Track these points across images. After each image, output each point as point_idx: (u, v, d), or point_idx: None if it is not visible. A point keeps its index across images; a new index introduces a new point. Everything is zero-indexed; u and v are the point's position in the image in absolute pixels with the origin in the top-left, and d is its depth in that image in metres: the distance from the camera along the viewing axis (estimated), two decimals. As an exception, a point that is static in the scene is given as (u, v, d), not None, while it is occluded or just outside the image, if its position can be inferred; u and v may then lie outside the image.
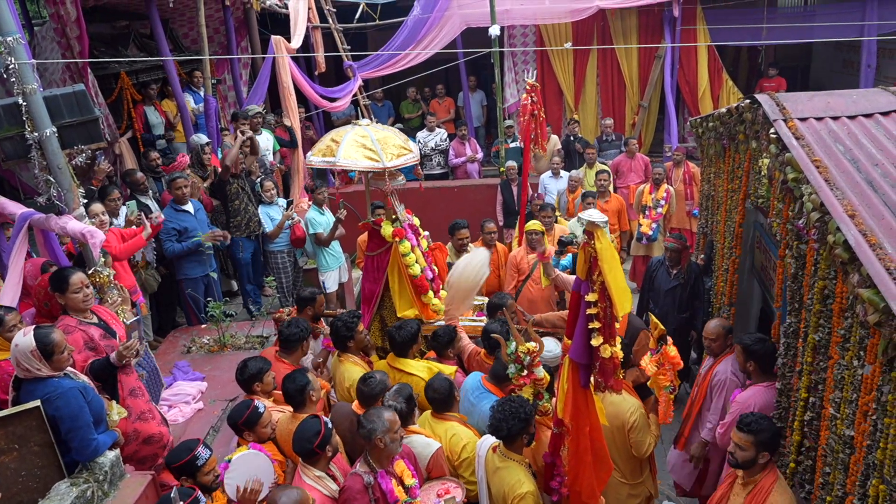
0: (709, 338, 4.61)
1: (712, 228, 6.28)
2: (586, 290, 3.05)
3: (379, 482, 3.26)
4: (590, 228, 2.93)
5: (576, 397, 3.32)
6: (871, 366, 2.86)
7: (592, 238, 2.94)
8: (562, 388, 3.36)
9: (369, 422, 3.30)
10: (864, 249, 2.81)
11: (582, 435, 3.37)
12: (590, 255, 2.99)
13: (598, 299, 3.01)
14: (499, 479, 3.48)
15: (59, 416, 3.17)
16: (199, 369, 5.36)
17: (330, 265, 7.15)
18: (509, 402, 3.50)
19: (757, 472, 3.46)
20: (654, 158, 10.69)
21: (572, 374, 3.29)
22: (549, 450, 3.61)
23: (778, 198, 4.01)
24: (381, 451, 3.31)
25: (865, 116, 3.84)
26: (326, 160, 4.75)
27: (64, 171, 4.13)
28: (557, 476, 3.61)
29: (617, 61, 11.26)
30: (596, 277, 2.98)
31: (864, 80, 10.21)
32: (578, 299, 3.16)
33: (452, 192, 9.88)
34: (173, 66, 7.77)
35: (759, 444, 3.41)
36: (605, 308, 3.03)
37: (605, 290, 2.98)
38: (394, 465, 3.40)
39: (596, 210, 3.03)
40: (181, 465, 3.27)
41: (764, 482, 3.41)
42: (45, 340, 3.17)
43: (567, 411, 3.35)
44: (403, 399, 3.66)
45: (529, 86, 6.89)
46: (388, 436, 3.29)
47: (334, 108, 9.89)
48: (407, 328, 4.48)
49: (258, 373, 4.05)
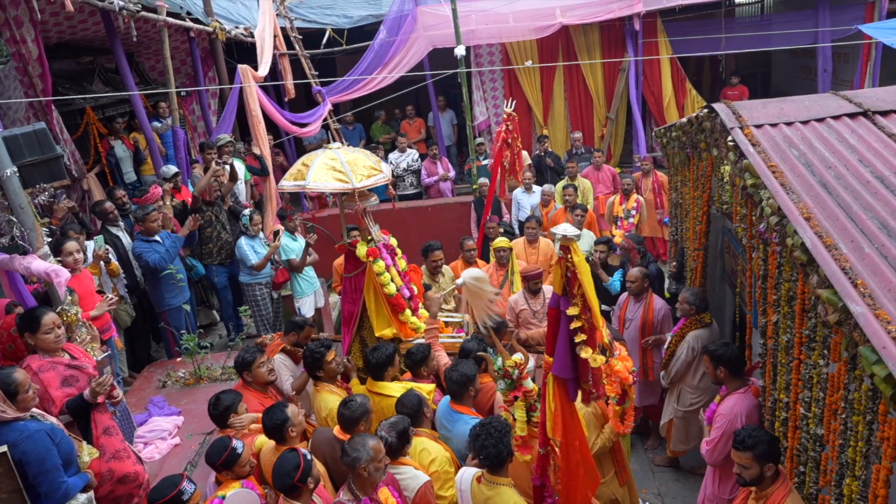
0: (630, 280, 5.81)
1: (682, 235, 6.38)
2: (566, 304, 3.07)
3: None
4: (564, 243, 2.96)
5: (564, 414, 3.31)
6: (836, 364, 2.91)
7: (568, 252, 2.97)
8: (548, 406, 3.34)
9: (353, 450, 3.26)
10: (821, 251, 2.88)
11: (573, 450, 3.36)
12: (567, 269, 3.01)
13: (581, 311, 3.03)
14: None
15: (25, 460, 3.10)
16: (175, 403, 5.28)
17: (304, 291, 7.12)
18: (491, 427, 3.45)
19: (768, 485, 3.37)
20: (625, 169, 10.86)
21: (558, 390, 3.28)
22: (537, 472, 3.57)
23: (740, 203, 4.09)
24: (366, 480, 3.27)
25: (818, 121, 3.94)
26: (297, 184, 4.77)
27: (26, 211, 4.07)
28: (548, 497, 3.58)
29: (583, 76, 11.45)
30: (577, 291, 3.00)
31: (822, 83, 10.49)
32: (556, 315, 3.16)
33: (426, 212, 9.92)
34: (139, 98, 7.74)
35: (758, 457, 3.34)
36: (587, 319, 3.05)
37: (586, 302, 3.00)
38: (378, 493, 3.37)
39: (569, 224, 3.06)
40: (166, 501, 3.21)
41: (776, 496, 3.34)
42: (8, 381, 3.12)
43: (557, 429, 3.33)
44: (396, 433, 3.57)
45: (507, 115, 7.00)
46: (373, 465, 3.25)
47: (305, 134, 9.90)
48: (381, 351, 4.44)
49: (232, 405, 4.00)
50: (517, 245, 7.26)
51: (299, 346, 5.09)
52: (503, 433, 3.44)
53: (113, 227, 6.37)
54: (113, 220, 6.37)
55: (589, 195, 9.03)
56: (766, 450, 3.33)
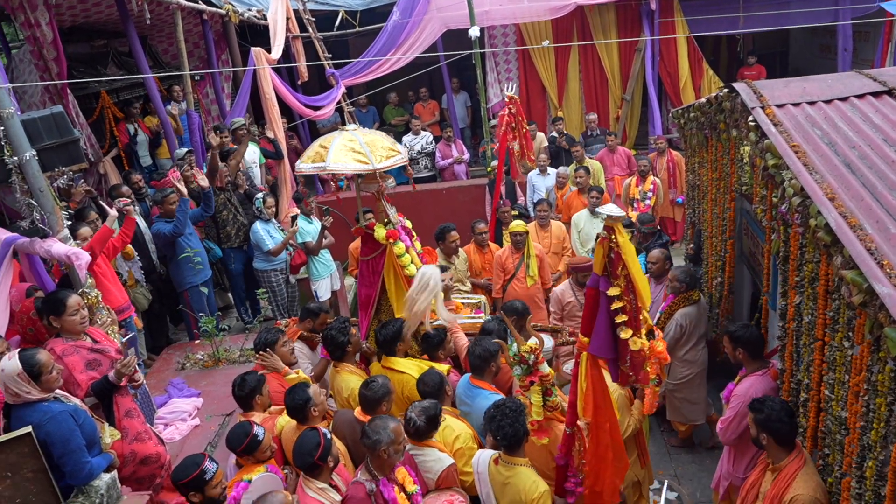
0: (651, 262, 5.74)
1: (699, 217, 6.32)
2: (605, 285, 3.05)
3: (381, 490, 3.25)
4: (609, 223, 2.93)
5: (596, 395, 3.30)
6: (860, 346, 2.89)
7: (612, 232, 2.93)
8: (580, 386, 3.33)
9: (374, 433, 3.27)
10: (845, 231, 2.83)
11: (602, 432, 3.36)
12: (610, 249, 2.98)
13: (623, 292, 3.01)
14: (511, 487, 3.41)
15: (50, 440, 3.15)
16: (195, 385, 5.33)
17: (321, 273, 7.14)
18: (506, 407, 3.45)
19: (780, 457, 3.40)
20: (640, 151, 10.74)
21: (591, 371, 3.27)
22: (562, 451, 3.57)
23: (760, 184, 4.04)
24: (384, 462, 3.30)
25: (841, 100, 3.87)
26: (316, 165, 4.73)
27: (46, 194, 4.10)
28: (572, 477, 3.58)
29: (598, 57, 11.30)
30: (620, 272, 2.98)
31: (842, 63, 10.28)
32: (595, 295, 3.15)
33: (441, 195, 9.89)
34: (154, 82, 7.74)
35: (756, 423, 3.41)
36: (631, 301, 3.03)
37: (630, 282, 2.98)
38: (395, 472, 3.39)
39: (613, 205, 3.03)
40: (190, 480, 3.23)
41: (788, 469, 3.36)
42: (31, 362, 3.15)
43: (588, 409, 3.32)
44: (426, 417, 3.57)
45: (508, 98, 6.91)
46: (392, 447, 3.27)
47: (318, 117, 9.87)
48: (389, 326, 4.48)
49: (257, 386, 4.05)
50: (529, 229, 7.23)
51: (315, 332, 5.11)
52: (518, 413, 3.43)
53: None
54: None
55: (600, 177, 8.97)
56: (763, 419, 3.37)
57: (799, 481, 3.30)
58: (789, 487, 3.31)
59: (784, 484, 3.34)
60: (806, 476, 3.32)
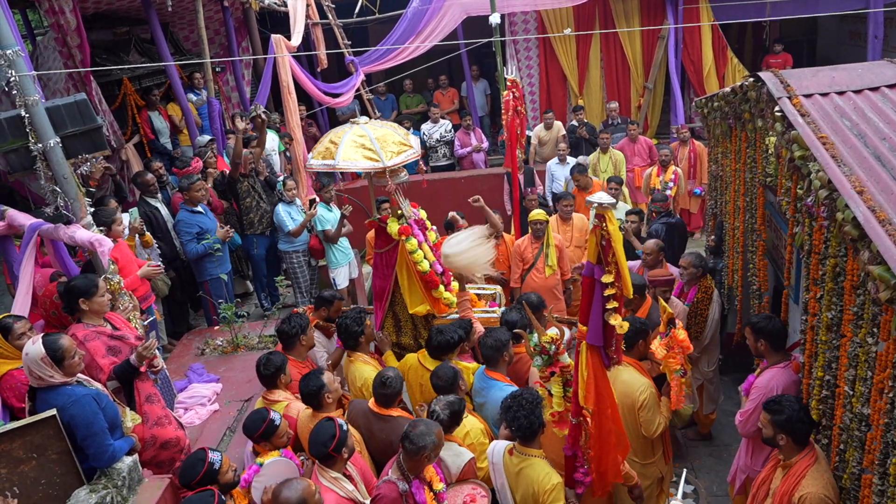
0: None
1: (721, 209, 6.23)
2: (600, 273, 3.10)
3: (413, 492, 3.25)
4: (600, 211, 2.97)
5: (597, 382, 3.33)
6: (885, 343, 2.83)
7: (604, 220, 2.97)
8: (581, 375, 3.34)
9: (420, 439, 3.18)
10: (874, 226, 2.77)
11: (605, 417, 3.38)
12: (602, 237, 3.02)
13: (615, 279, 3.06)
14: (524, 478, 3.42)
15: (73, 423, 3.21)
16: (214, 371, 5.39)
17: (339, 261, 7.17)
18: (523, 399, 3.44)
19: (792, 454, 3.37)
20: (662, 140, 10.61)
21: (591, 359, 3.29)
22: (569, 442, 3.57)
23: (786, 176, 3.97)
24: (422, 464, 3.27)
25: (871, 90, 3.78)
26: (326, 163, 4.68)
27: (70, 181, 4.16)
28: (580, 467, 3.59)
29: (620, 44, 11.16)
30: (611, 259, 3.03)
31: (872, 51, 10.03)
32: (591, 284, 3.18)
33: (459, 183, 9.85)
34: (175, 69, 7.78)
35: (775, 424, 3.37)
36: (619, 287, 3.09)
37: (619, 270, 3.04)
38: (425, 471, 3.40)
39: (604, 193, 3.07)
40: (202, 477, 3.21)
41: (798, 466, 3.34)
42: (54, 346, 3.21)
43: (590, 397, 3.34)
44: (450, 412, 3.57)
45: (510, 82, 6.83)
46: (435, 452, 3.26)
47: (337, 104, 9.87)
48: (445, 335, 4.34)
49: (282, 365, 4.12)
50: (552, 221, 7.17)
51: (331, 320, 5.13)
52: (535, 405, 3.44)
53: (152, 198, 6.47)
54: (153, 191, 6.46)
55: (621, 167, 8.86)
56: (783, 421, 3.34)
57: (809, 479, 3.28)
58: (799, 485, 3.29)
59: (794, 481, 3.32)
60: (816, 474, 3.29)
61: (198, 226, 6.22)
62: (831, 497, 3.23)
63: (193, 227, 6.19)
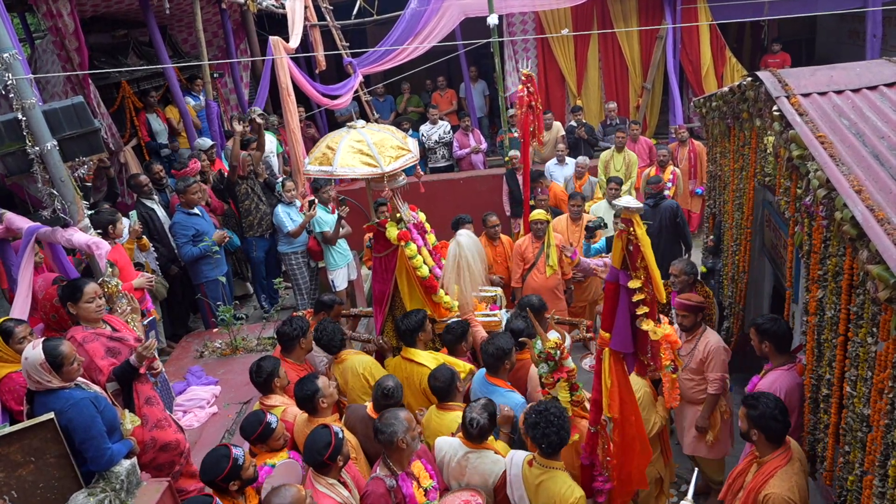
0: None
1: (720, 209, 6.23)
2: (625, 279, 3.03)
3: (400, 486, 3.25)
4: (626, 215, 2.89)
5: (621, 390, 3.29)
6: (885, 343, 2.82)
7: (631, 225, 2.89)
8: (604, 382, 3.30)
9: (388, 425, 3.27)
10: (872, 225, 2.77)
11: (629, 425, 3.35)
12: (628, 241, 2.95)
13: (643, 284, 2.99)
14: (545, 491, 3.33)
15: (71, 426, 3.19)
16: (213, 373, 5.39)
17: (338, 263, 7.15)
18: (549, 414, 3.32)
19: (766, 451, 3.39)
20: (661, 140, 10.60)
21: (615, 366, 3.25)
22: (587, 451, 3.53)
23: (784, 175, 3.96)
24: (403, 452, 3.30)
25: (870, 89, 3.78)
26: (323, 169, 4.65)
27: (67, 184, 4.15)
28: (599, 476, 3.56)
29: (618, 44, 11.15)
30: (639, 263, 2.96)
31: (871, 50, 10.02)
32: (615, 289, 3.13)
33: (458, 185, 9.85)
34: (173, 72, 7.78)
35: (749, 418, 3.37)
36: (649, 292, 3.01)
37: (649, 275, 2.96)
38: (412, 467, 3.40)
39: (631, 196, 2.97)
40: (228, 473, 3.19)
41: (769, 465, 3.35)
42: (54, 353, 3.20)
43: (614, 405, 3.30)
44: (488, 414, 3.53)
45: (525, 76, 6.80)
46: (409, 435, 3.27)
47: (336, 106, 9.86)
48: (411, 316, 4.51)
49: (274, 370, 4.11)
50: (560, 222, 7.13)
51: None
52: (563, 419, 3.32)
53: (148, 200, 6.46)
54: (148, 193, 6.45)
55: (633, 168, 8.83)
56: (757, 417, 3.35)
57: (777, 479, 3.28)
58: (765, 484, 3.30)
59: (762, 479, 3.34)
60: (785, 476, 3.29)
61: (194, 228, 6.20)
62: (795, 500, 3.22)
63: (189, 230, 6.17)
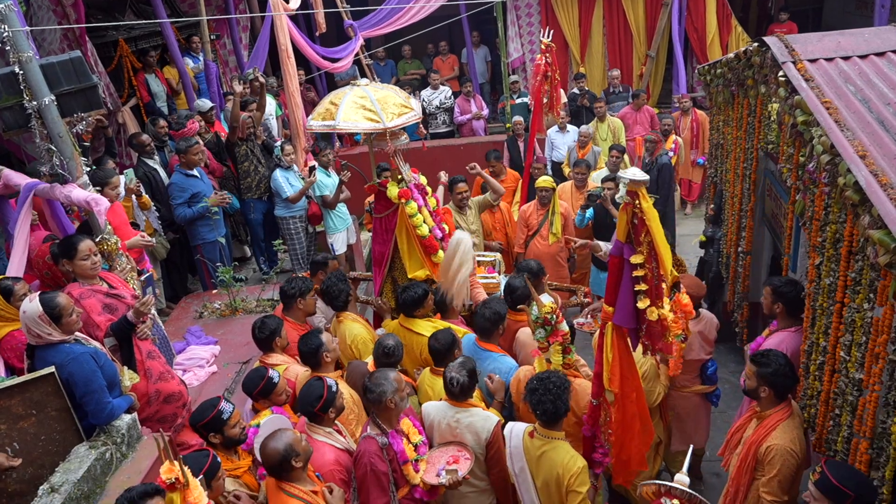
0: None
1: (721, 177, 6.20)
2: (629, 252, 2.94)
3: (391, 443, 3.31)
4: (632, 188, 2.78)
5: (622, 365, 3.25)
6: (882, 308, 2.84)
7: (636, 198, 2.79)
8: (606, 357, 3.27)
9: (377, 385, 3.31)
10: (876, 190, 2.76)
11: (629, 402, 3.31)
12: (633, 215, 2.85)
13: (646, 260, 2.90)
14: (547, 461, 3.34)
15: (72, 380, 3.22)
16: (212, 333, 5.41)
17: (337, 227, 7.15)
18: (550, 382, 3.30)
19: (769, 406, 3.44)
20: (663, 110, 10.51)
21: (617, 341, 3.21)
22: (588, 423, 3.52)
23: (788, 143, 3.94)
24: (391, 411, 3.34)
25: (877, 55, 3.73)
26: (326, 124, 4.65)
27: (65, 140, 4.10)
28: (599, 448, 3.57)
29: (623, 11, 10.98)
30: (643, 238, 2.86)
31: (878, 19, 9.86)
32: (619, 263, 3.04)
33: (458, 150, 9.78)
34: (171, 31, 7.65)
35: (760, 376, 3.42)
36: (652, 269, 2.92)
37: (653, 250, 2.87)
38: (400, 424, 3.45)
39: (637, 168, 2.85)
40: (208, 421, 3.30)
41: (771, 419, 3.42)
42: (51, 304, 3.20)
43: (615, 380, 3.26)
44: (467, 372, 3.54)
45: (545, 45, 6.72)
46: (398, 395, 3.32)
47: (336, 69, 9.73)
48: (412, 290, 4.47)
49: (277, 328, 4.14)
50: (564, 189, 7.10)
51: None
52: (562, 389, 3.30)
53: (149, 159, 6.41)
54: (149, 152, 6.39)
55: (620, 135, 8.78)
56: (769, 374, 3.39)
57: (779, 431, 3.36)
58: (768, 436, 3.37)
59: (764, 432, 3.40)
60: (787, 427, 3.37)
61: (191, 189, 6.14)
62: (797, 451, 3.31)
63: (186, 191, 6.11)
